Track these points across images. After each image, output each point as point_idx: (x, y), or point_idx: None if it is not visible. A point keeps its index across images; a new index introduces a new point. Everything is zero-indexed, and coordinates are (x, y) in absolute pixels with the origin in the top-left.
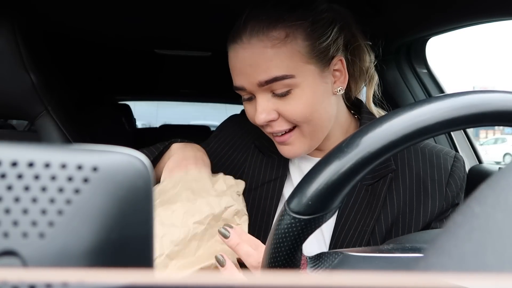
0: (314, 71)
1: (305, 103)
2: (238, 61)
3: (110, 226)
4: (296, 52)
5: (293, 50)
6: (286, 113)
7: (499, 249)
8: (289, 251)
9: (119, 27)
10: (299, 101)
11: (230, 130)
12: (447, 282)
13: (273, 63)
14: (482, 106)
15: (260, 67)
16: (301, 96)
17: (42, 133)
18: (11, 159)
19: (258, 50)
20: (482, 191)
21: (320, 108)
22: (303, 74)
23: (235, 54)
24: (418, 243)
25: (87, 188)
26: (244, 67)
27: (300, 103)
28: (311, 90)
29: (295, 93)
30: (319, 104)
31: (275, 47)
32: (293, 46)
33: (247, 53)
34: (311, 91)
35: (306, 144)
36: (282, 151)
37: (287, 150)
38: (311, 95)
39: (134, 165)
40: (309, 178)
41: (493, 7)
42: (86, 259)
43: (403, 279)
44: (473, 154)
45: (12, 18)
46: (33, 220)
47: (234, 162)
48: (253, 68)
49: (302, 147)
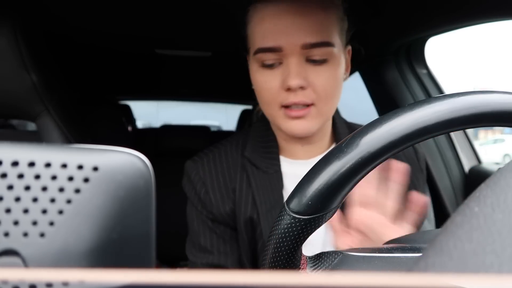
0: (342, 48)
1: (334, 77)
2: (282, 20)
3: (111, 226)
4: (340, 21)
5: (338, 18)
6: (317, 83)
7: (499, 249)
8: (289, 251)
9: (119, 27)
10: (331, 73)
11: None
12: (447, 282)
13: (323, 27)
14: (482, 107)
15: (309, 29)
16: (333, 68)
17: (42, 133)
18: (12, 158)
19: (309, 10)
20: (481, 191)
21: (340, 87)
22: (338, 46)
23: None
24: (418, 243)
25: (87, 188)
26: (289, 27)
27: (331, 76)
28: (339, 66)
29: (329, 64)
30: (341, 82)
31: (327, 11)
32: (338, 14)
33: (296, 13)
34: (339, 67)
35: (318, 123)
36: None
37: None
38: (338, 71)
39: (135, 165)
40: (309, 178)
41: (493, 7)
42: (86, 258)
43: (403, 279)
44: (473, 154)
45: (13, 18)
46: (34, 219)
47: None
48: (300, 29)
49: (314, 125)
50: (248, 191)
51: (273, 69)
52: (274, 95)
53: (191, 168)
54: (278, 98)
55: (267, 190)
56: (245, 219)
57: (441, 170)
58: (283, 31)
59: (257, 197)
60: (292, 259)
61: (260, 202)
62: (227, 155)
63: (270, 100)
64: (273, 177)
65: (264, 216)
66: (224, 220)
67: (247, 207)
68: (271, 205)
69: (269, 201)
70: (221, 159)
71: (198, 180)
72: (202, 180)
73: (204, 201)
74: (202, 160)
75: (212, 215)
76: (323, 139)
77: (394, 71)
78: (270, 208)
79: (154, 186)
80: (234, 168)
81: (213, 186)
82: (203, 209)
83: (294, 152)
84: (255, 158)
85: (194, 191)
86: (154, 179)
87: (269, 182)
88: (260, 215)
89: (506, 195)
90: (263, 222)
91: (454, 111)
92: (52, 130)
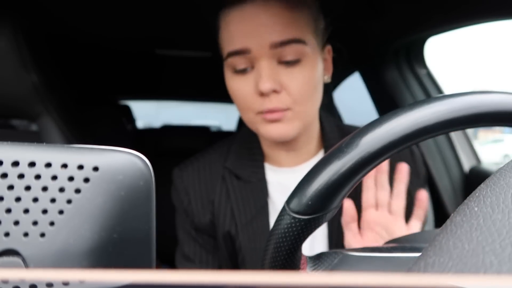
0: (317, 48)
1: (310, 78)
2: (247, 21)
3: (111, 226)
4: (311, 19)
5: (308, 17)
6: (292, 85)
7: (498, 249)
8: (289, 251)
9: (119, 27)
10: (305, 74)
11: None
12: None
13: (291, 24)
14: (482, 107)
15: (276, 27)
16: (307, 69)
17: (42, 133)
18: (12, 159)
19: (276, 10)
20: (481, 191)
21: (318, 88)
22: (311, 45)
23: (241, 14)
24: (418, 243)
25: (87, 188)
26: (255, 27)
27: (306, 77)
28: (315, 66)
29: (303, 65)
30: (319, 84)
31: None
32: (311, 13)
33: (262, 13)
34: (315, 67)
35: (296, 126)
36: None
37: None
38: (314, 71)
39: (135, 165)
40: (309, 178)
41: (493, 7)
42: (87, 258)
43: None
44: (473, 154)
45: (14, 19)
46: (34, 219)
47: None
48: (267, 28)
49: (292, 128)
50: (227, 204)
51: (245, 74)
52: (249, 102)
53: (177, 176)
54: (253, 105)
55: (247, 201)
56: (223, 233)
57: (441, 170)
58: (249, 32)
59: (236, 210)
60: (292, 259)
61: (239, 214)
62: (210, 165)
63: (245, 107)
64: (256, 186)
65: (243, 228)
66: (206, 230)
67: (225, 221)
68: (251, 216)
69: (249, 212)
70: (205, 169)
71: (182, 189)
72: (186, 190)
73: (187, 210)
74: (187, 169)
75: (194, 225)
76: (309, 145)
77: (394, 71)
78: (251, 219)
79: (154, 186)
80: (215, 180)
81: (195, 196)
82: (187, 218)
83: (279, 159)
84: (238, 167)
85: (179, 199)
86: (154, 179)
87: (250, 192)
88: (239, 227)
89: (505, 195)
90: (241, 235)
91: (453, 111)
92: (52, 130)
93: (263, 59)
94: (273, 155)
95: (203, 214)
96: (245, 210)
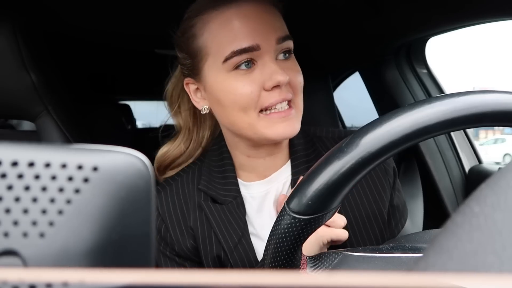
0: None
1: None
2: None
3: (110, 226)
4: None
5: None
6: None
7: (499, 249)
8: (289, 251)
9: (119, 26)
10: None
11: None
12: (447, 282)
13: (281, 22)
14: (482, 107)
15: (276, 24)
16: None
17: (42, 133)
18: (11, 159)
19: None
20: (481, 191)
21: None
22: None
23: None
24: (418, 243)
25: (87, 188)
26: (261, 24)
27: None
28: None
29: (292, 59)
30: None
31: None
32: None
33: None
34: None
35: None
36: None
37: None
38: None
39: (135, 165)
40: (309, 178)
41: (493, 7)
42: (86, 259)
43: (403, 279)
44: (473, 154)
45: (13, 18)
46: (34, 219)
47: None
48: (271, 24)
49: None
50: (210, 230)
51: (249, 72)
52: (254, 99)
53: None
54: (258, 101)
55: (230, 224)
56: (212, 257)
57: (441, 170)
58: (257, 29)
59: (220, 235)
60: (292, 259)
61: (224, 239)
62: (183, 188)
63: (248, 105)
64: (233, 207)
65: (232, 252)
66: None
67: (211, 246)
68: (238, 238)
69: (234, 234)
70: (178, 193)
71: (157, 216)
72: (161, 216)
73: (165, 238)
74: (160, 194)
75: (175, 252)
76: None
77: (394, 71)
78: (238, 240)
79: (154, 186)
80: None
81: (172, 222)
82: (166, 246)
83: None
84: (212, 188)
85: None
86: (154, 179)
87: (229, 215)
88: (228, 251)
89: (506, 195)
90: (232, 258)
91: (454, 111)
92: (51, 130)
93: (269, 54)
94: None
95: (183, 239)
96: (229, 234)
